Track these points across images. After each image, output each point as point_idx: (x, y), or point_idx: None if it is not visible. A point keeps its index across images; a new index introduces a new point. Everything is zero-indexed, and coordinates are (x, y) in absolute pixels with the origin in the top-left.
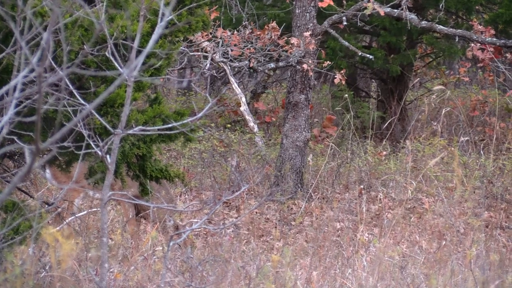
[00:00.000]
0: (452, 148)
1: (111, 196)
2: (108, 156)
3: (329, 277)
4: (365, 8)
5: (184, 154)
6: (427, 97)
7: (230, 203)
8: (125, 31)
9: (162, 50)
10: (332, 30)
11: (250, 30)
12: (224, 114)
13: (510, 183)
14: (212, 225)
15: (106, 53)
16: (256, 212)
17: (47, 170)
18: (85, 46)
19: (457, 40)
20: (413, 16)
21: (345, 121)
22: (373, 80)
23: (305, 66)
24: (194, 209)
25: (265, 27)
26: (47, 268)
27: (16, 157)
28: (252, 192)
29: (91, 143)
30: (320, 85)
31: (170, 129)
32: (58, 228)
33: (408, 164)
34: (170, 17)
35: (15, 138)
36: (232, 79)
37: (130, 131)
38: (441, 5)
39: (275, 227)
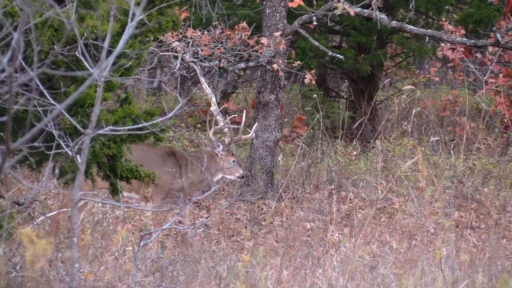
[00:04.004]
0: (422, 148)
1: (81, 196)
2: (78, 156)
3: (300, 277)
4: (335, 8)
5: None
6: (397, 97)
7: (200, 203)
8: (95, 31)
9: (132, 50)
10: (302, 30)
11: (220, 30)
12: (194, 114)
13: (480, 183)
14: (182, 225)
15: (76, 53)
16: (227, 212)
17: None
18: (55, 46)
19: (427, 40)
20: (383, 16)
21: (315, 121)
22: (343, 80)
23: (275, 66)
24: (164, 209)
25: (235, 27)
26: (17, 268)
27: None
28: (223, 192)
29: (62, 143)
30: (290, 85)
31: (140, 129)
32: (29, 227)
33: (378, 164)
34: (140, 17)
35: None
36: (202, 79)
37: (101, 131)
38: (411, 5)
39: (245, 227)
